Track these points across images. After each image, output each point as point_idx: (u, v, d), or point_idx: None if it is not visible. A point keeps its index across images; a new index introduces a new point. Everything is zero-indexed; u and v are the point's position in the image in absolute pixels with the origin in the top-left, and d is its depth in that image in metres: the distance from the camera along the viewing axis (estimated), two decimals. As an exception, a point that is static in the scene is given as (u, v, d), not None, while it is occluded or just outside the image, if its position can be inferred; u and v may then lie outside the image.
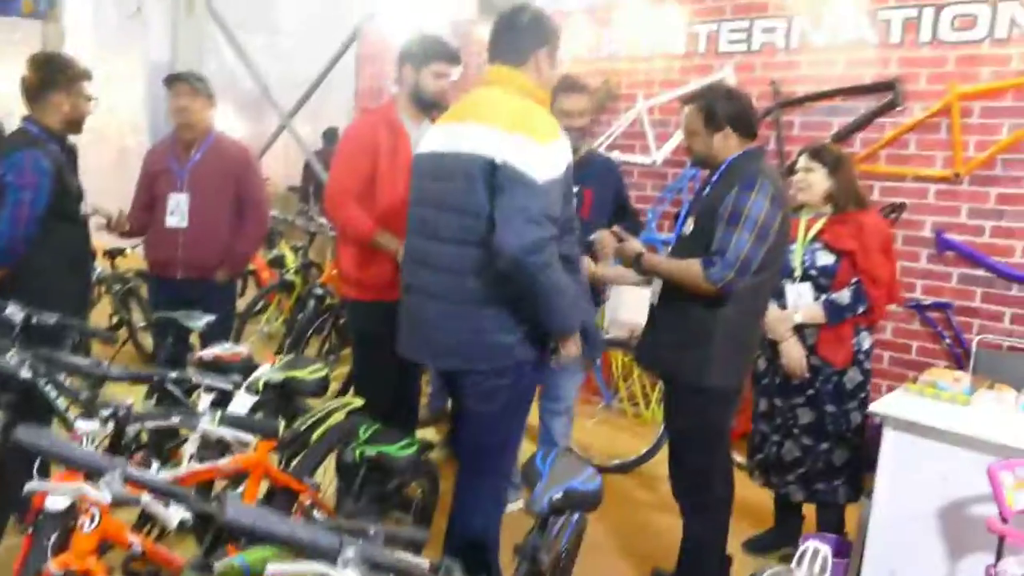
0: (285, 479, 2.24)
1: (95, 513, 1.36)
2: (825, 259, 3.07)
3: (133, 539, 1.57)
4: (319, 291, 5.47)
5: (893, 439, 2.72)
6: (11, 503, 2.47)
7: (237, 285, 4.21)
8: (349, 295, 3.22)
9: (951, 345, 3.97)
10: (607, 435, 4.57)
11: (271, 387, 2.30)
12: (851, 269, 3.03)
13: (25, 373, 2.23)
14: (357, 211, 3.00)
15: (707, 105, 2.65)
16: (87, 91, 3.11)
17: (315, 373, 2.36)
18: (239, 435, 1.80)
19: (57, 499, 1.38)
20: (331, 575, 0.90)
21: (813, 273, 3.09)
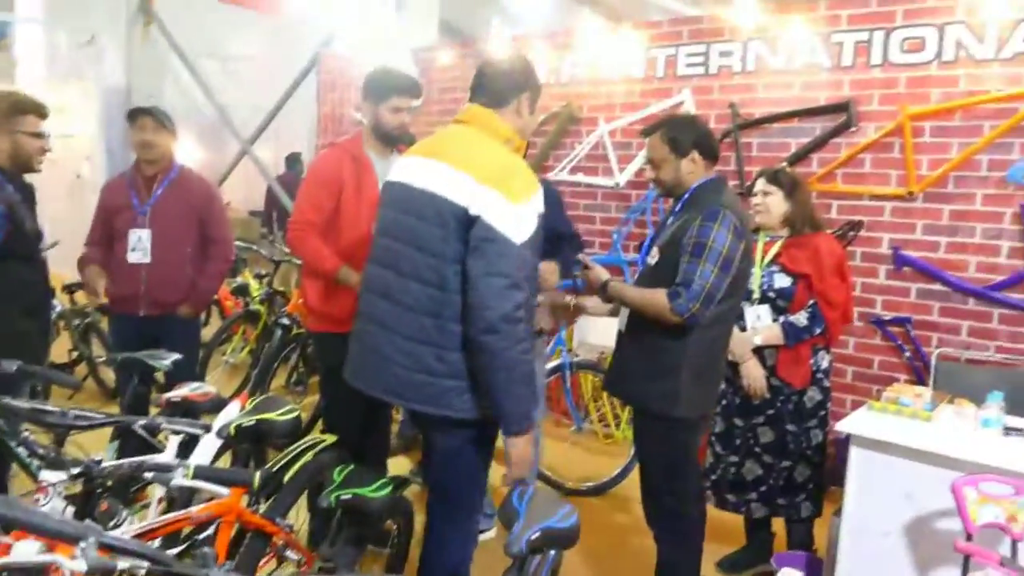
0: (258, 522, 2.21)
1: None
2: (782, 281, 3.14)
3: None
4: (285, 320, 5.41)
5: (859, 457, 2.77)
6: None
7: (201, 320, 4.16)
8: (315, 327, 3.21)
9: (911, 359, 4.07)
10: (579, 458, 4.58)
11: (243, 431, 2.28)
12: (807, 291, 3.10)
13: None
14: (320, 245, 3.00)
15: (672, 132, 2.70)
16: (32, 127, 2.96)
17: (287, 414, 2.34)
18: (214, 489, 1.77)
19: (25, 562, 1.34)
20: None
21: (771, 295, 3.15)
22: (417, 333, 2.15)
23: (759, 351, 3.13)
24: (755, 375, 3.12)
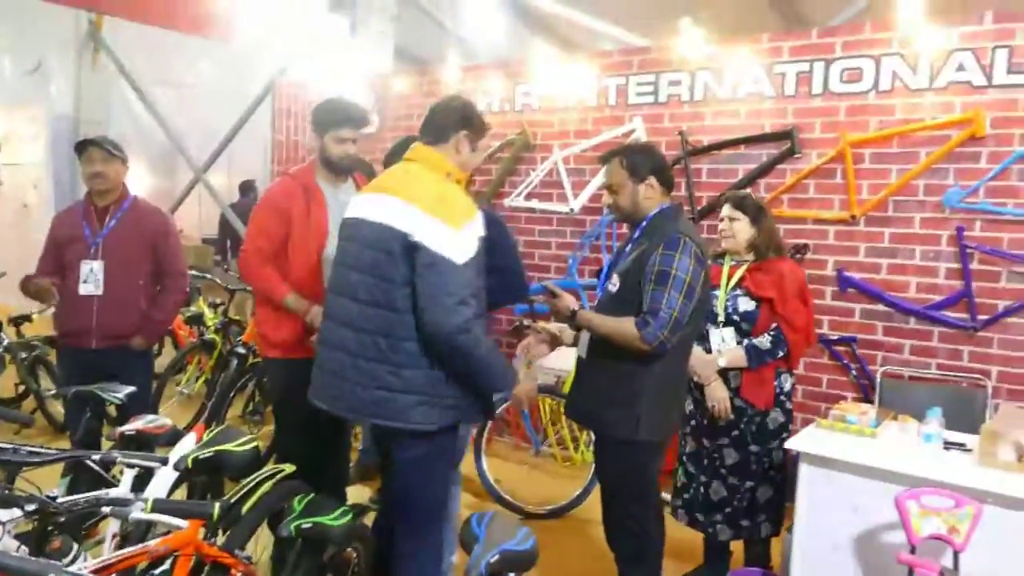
0: (216, 554, 2.19)
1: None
2: (746, 305, 3.22)
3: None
4: (241, 349, 5.36)
5: (808, 474, 2.86)
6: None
7: (154, 352, 4.11)
8: (266, 353, 3.26)
9: (858, 377, 4.20)
10: (538, 481, 4.61)
11: (202, 464, 2.27)
12: (771, 315, 3.18)
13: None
14: (270, 273, 3.08)
15: (630, 158, 2.78)
16: None
17: (245, 445, 2.33)
18: (172, 522, 1.77)
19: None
20: None
21: (735, 318, 3.23)
22: (375, 353, 2.33)
23: (724, 373, 3.20)
24: (720, 396, 3.19)
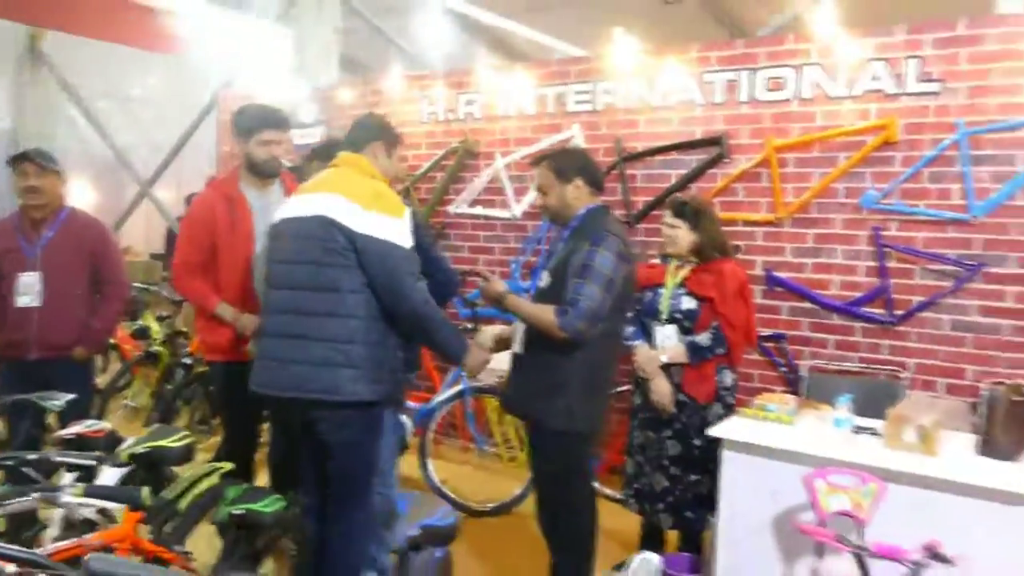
0: (154, 549, 2.24)
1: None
2: (689, 304, 3.36)
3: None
4: (187, 360, 5.38)
5: (730, 460, 3.00)
6: None
7: (95, 362, 4.11)
8: (209, 358, 3.41)
9: (786, 371, 4.38)
10: (483, 480, 4.71)
11: (136, 458, 2.32)
12: (711, 314, 3.33)
13: None
14: (199, 283, 3.23)
15: (556, 161, 2.94)
16: None
17: (180, 440, 2.39)
18: (104, 506, 1.82)
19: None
20: None
21: (678, 316, 3.37)
22: (321, 333, 2.48)
23: (667, 368, 3.35)
24: (662, 391, 3.33)
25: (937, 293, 3.95)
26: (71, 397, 3.11)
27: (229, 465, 2.65)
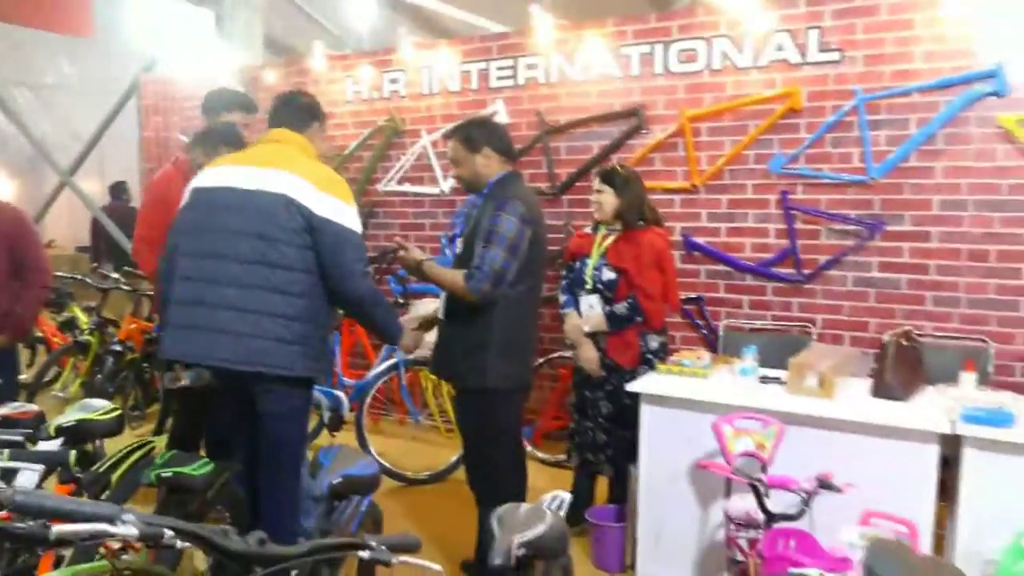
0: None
1: None
2: (609, 274, 3.53)
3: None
4: (117, 348, 5.34)
5: (648, 412, 3.18)
6: None
7: (18, 350, 4.06)
8: None
9: (706, 332, 4.59)
10: (419, 450, 4.83)
11: (64, 431, 2.35)
12: (629, 284, 3.49)
13: None
14: (155, 259, 3.19)
15: (465, 132, 3.04)
16: None
17: (109, 413, 2.43)
18: (29, 467, 1.87)
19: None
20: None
21: (600, 287, 3.53)
22: (267, 308, 2.49)
23: (593, 336, 3.53)
24: (588, 357, 3.51)
25: (840, 252, 4.19)
26: (-7, 383, 3.10)
27: (162, 440, 2.69)
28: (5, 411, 2.71)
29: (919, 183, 4.01)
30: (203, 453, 2.88)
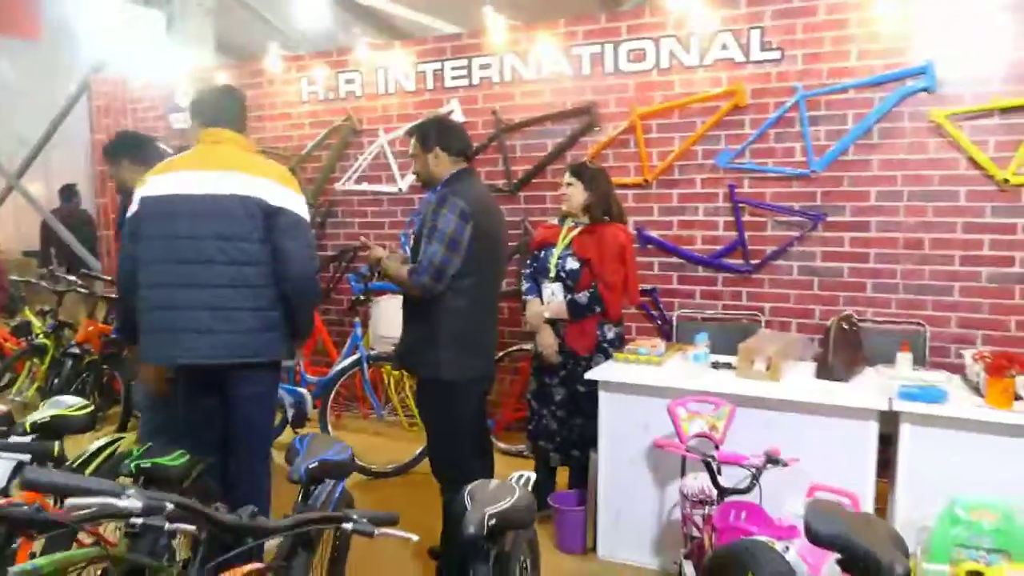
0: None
1: None
2: (572, 264, 3.65)
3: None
4: (75, 350, 5.31)
5: (606, 399, 3.31)
6: None
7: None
8: None
9: (660, 323, 4.75)
10: (383, 444, 4.90)
11: (39, 427, 2.39)
12: (591, 275, 3.62)
13: None
14: None
15: (421, 132, 3.14)
16: None
17: (82, 409, 2.47)
18: (10, 456, 1.92)
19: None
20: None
21: (563, 276, 3.66)
22: (240, 303, 2.68)
23: (553, 323, 3.65)
24: (546, 343, 3.63)
25: (786, 242, 4.39)
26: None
27: (132, 435, 2.74)
28: (-29, 413, 2.72)
29: (857, 175, 4.22)
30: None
